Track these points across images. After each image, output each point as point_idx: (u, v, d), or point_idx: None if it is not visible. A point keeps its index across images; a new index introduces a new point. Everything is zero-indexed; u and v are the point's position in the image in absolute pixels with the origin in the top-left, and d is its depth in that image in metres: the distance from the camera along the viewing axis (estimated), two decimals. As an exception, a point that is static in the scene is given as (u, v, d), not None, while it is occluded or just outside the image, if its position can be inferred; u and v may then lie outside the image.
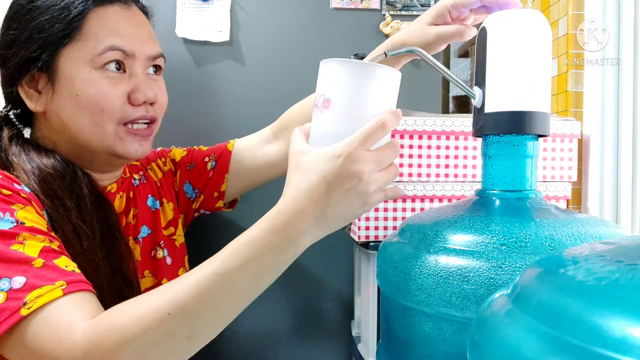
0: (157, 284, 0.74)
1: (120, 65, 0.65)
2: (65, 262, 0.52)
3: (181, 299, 0.47)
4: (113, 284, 0.62)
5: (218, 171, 0.85)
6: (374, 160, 0.48)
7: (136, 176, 0.79)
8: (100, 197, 0.66)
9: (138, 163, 0.82)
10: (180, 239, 0.83)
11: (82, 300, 0.50)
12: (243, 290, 0.49)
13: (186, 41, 1.04)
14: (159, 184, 0.82)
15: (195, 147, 0.89)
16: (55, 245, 0.54)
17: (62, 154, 0.66)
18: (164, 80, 0.73)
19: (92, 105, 0.63)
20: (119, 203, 0.72)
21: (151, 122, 0.70)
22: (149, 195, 0.79)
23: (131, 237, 0.73)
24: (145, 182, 0.80)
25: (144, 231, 0.76)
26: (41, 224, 0.55)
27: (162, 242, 0.78)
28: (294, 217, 0.47)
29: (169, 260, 0.78)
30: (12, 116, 0.67)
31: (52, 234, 0.56)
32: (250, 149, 0.86)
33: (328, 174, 0.47)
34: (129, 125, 0.67)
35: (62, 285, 0.49)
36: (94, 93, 0.63)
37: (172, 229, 0.81)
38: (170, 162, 0.87)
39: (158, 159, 0.85)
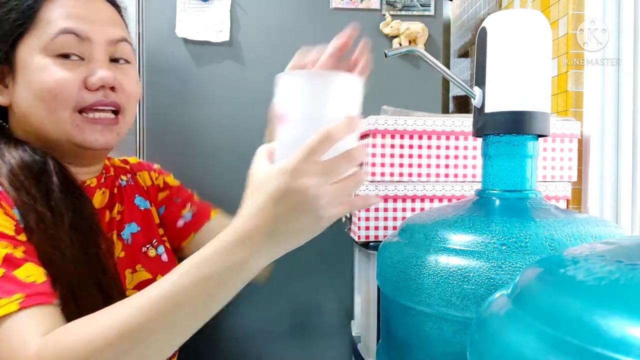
0: (152, 279, 0.74)
1: (76, 54, 0.63)
2: (27, 272, 0.51)
3: (130, 322, 0.46)
4: (85, 270, 0.61)
5: (189, 225, 0.83)
6: (323, 173, 0.45)
7: (124, 177, 0.78)
8: (71, 185, 0.64)
9: (127, 167, 0.82)
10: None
11: (39, 315, 0.49)
12: (194, 312, 0.47)
13: (186, 41, 1.04)
14: (146, 189, 0.82)
15: (189, 190, 0.88)
16: (19, 251, 0.53)
17: (35, 146, 0.64)
18: (135, 69, 0.71)
19: (45, 92, 0.61)
20: (100, 198, 0.72)
21: (117, 111, 0.67)
22: (137, 195, 0.79)
23: (115, 232, 0.72)
24: (132, 184, 0.80)
25: (133, 227, 0.75)
26: (7, 226, 0.54)
27: (154, 240, 0.78)
28: (245, 236, 0.46)
29: (164, 257, 0.77)
30: None
31: (19, 237, 0.55)
32: (225, 227, 0.84)
33: (274, 191, 0.45)
34: (89, 114, 0.64)
35: (19, 299, 0.48)
36: (47, 80, 0.61)
37: (162, 230, 0.81)
38: (162, 181, 0.85)
39: (151, 172, 0.84)
